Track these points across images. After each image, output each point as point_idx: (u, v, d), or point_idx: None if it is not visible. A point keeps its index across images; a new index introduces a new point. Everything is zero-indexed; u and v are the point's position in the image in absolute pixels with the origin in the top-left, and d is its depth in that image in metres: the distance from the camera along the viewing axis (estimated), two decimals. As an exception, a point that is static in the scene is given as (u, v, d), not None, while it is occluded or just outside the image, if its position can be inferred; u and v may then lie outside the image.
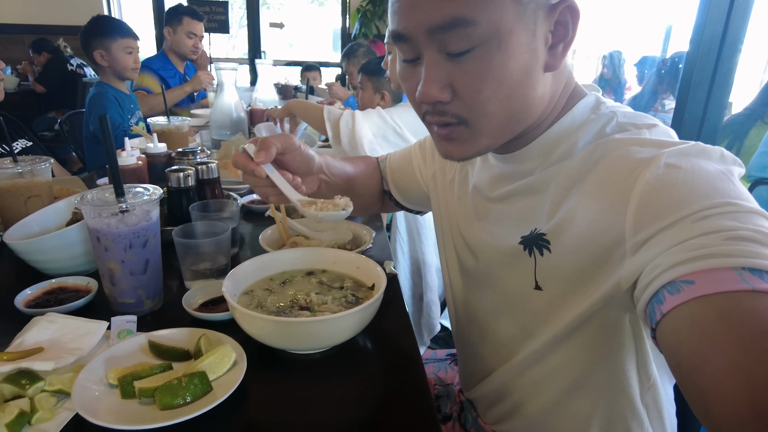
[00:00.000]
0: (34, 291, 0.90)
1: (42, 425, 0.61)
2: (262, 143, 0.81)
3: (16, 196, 1.06)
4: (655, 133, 0.65)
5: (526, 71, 0.62)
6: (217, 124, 2.06)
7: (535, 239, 0.70)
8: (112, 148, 0.83)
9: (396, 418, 0.66)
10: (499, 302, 0.80)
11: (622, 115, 0.68)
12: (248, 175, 0.83)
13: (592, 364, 0.71)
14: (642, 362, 0.70)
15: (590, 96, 0.71)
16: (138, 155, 1.29)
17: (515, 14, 0.59)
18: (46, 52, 4.96)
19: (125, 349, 0.73)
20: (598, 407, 0.73)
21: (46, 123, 4.40)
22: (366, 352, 0.81)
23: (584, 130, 0.68)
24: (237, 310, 0.73)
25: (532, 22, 0.60)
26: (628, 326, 0.67)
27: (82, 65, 4.87)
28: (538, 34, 0.61)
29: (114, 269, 0.83)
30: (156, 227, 0.87)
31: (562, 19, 0.62)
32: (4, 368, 0.65)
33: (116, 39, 2.33)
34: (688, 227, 0.52)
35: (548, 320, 0.71)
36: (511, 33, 0.59)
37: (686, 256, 0.50)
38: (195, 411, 0.60)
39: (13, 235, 0.98)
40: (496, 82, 0.61)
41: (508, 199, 0.77)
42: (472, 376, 0.91)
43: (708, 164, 0.58)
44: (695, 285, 0.49)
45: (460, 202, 0.89)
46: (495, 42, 0.59)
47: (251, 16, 5.78)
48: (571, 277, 0.66)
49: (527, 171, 0.73)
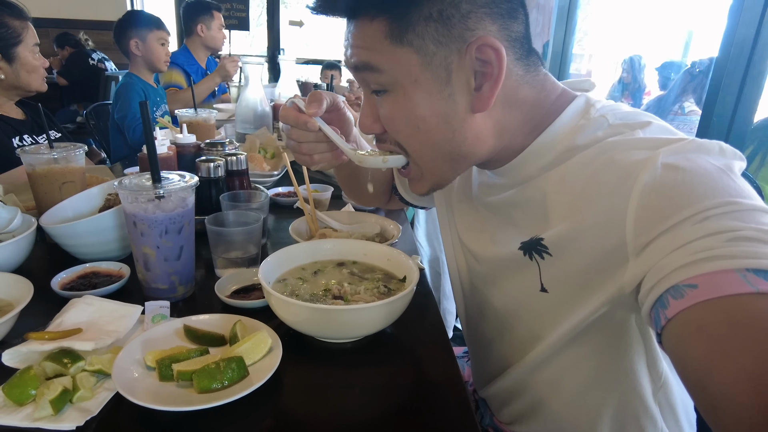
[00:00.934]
0: (69, 274, 0.91)
1: (83, 404, 0.61)
2: (314, 95, 0.80)
3: (52, 182, 1.07)
4: (649, 132, 0.63)
5: (442, 117, 0.64)
6: (242, 118, 2.07)
7: (534, 245, 0.69)
8: (150, 134, 0.84)
9: (430, 409, 0.66)
10: (505, 304, 0.79)
11: (613, 117, 0.66)
12: (299, 128, 0.80)
13: (601, 364, 0.70)
14: (652, 361, 0.69)
15: (579, 99, 0.69)
16: (168, 145, 1.30)
17: (419, 65, 0.62)
18: (69, 47, 5.03)
19: (161, 332, 0.73)
20: (610, 407, 0.73)
21: (68, 115, 4.47)
22: (398, 344, 0.80)
23: (575, 136, 0.67)
24: (273, 296, 0.73)
25: (442, 70, 0.62)
26: (634, 327, 0.66)
27: (104, 59, 4.93)
28: (454, 80, 0.63)
29: (149, 254, 0.84)
30: (191, 214, 0.88)
31: (485, 58, 0.61)
32: (46, 347, 0.66)
33: (152, 30, 2.41)
34: (689, 229, 0.51)
35: (555, 322, 0.70)
36: (416, 83, 0.63)
37: (688, 259, 0.49)
38: (232, 395, 0.60)
39: (48, 220, 0.99)
40: (411, 126, 0.66)
41: (505, 207, 0.76)
42: (484, 375, 0.91)
43: (706, 161, 0.56)
44: (699, 289, 0.48)
45: (461, 206, 0.88)
46: (401, 90, 0.64)
47: (271, 13, 5.81)
48: (576, 281, 0.65)
49: (521, 180, 0.72)
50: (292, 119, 0.80)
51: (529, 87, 0.67)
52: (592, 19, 5.78)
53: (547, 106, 0.69)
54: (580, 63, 6.11)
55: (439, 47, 0.61)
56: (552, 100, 0.70)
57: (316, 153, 0.83)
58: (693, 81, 3.81)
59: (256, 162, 1.65)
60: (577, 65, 6.06)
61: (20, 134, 1.51)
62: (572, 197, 0.65)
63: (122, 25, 2.44)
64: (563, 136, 0.67)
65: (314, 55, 6.16)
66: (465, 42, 0.61)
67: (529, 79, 0.67)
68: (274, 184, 1.59)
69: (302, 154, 0.84)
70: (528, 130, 0.69)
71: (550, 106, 0.69)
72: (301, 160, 0.85)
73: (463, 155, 0.68)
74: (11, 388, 0.61)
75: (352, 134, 0.92)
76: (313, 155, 0.84)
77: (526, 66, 0.66)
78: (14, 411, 0.60)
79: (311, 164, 0.86)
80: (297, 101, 0.81)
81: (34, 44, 1.47)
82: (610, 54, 5.90)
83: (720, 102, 1.97)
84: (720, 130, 2.00)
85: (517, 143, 0.70)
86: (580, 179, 0.64)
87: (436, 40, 0.61)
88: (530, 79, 0.67)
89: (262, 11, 6.08)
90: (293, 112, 0.80)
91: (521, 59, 0.65)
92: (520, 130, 0.69)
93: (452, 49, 0.61)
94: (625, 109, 0.69)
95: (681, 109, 4.01)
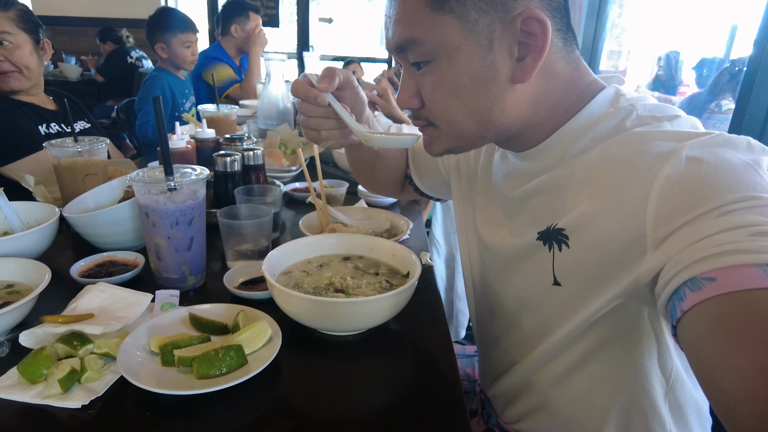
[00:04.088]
0: (88, 262, 0.95)
1: (90, 384, 0.65)
2: (327, 71, 0.80)
3: (75, 174, 1.12)
4: (677, 125, 0.62)
5: (483, 84, 0.64)
6: (264, 114, 2.10)
7: (554, 234, 0.68)
8: (163, 129, 0.87)
9: (425, 404, 0.66)
10: (517, 298, 0.79)
11: (642, 108, 0.66)
12: (308, 103, 0.81)
13: (609, 359, 0.69)
14: (662, 358, 0.68)
15: (609, 89, 0.69)
16: (187, 140, 1.34)
17: (461, 33, 0.62)
18: (111, 42, 5.17)
19: (167, 320, 0.76)
20: (617, 406, 0.71)
21: (104, 111, 4.63)
22: (399, 339, 0.81)
23: (602, 125, 0.66)
24: (275, 288, 0.75)
25: (484, 38, 0.62)
26: (646, 320, 0.65)
27: (142, 57, 5.06)
28: (496, 49, 0.62)
29: (160, 245, 0.87)
30: (201, 207, 0.90)
31: (530, 30, 0.60)
32: (59, 329, 0.69)
33: (176, 34, 2.50)
34: (710, 222, 0.50)
35: (566, 315, 0.70)
36: (459, 50, 0.62)
37: (708, 252, 0.49)
38: (229, 381, 0.62)
39: (71, 210, 1.04)
40: (451, 94, 0.66)
41: (527, 195, 0.75)
42: (492, 371, 0.90)
43: (733, 155, 0.55)
44: (717, 282, 0.47)
45: (480, 197, 0.88)
46: (444, 58, 0.64)
47: (301, 10, 5.87)
48: (590, 273, 0.64)
49: (546, 167, 0.72)
50: (303, 93, 0.80)
51: (565, 62, 0.67)
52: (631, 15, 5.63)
53: (580, 88, 0.69)
54: (617, 60, 5.95)
55: (481, 15, 0.60)
56: (585, 83, 0.69)
57: (324, 129, 0.84)
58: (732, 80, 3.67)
59: (275, 157, 1.68)
60: (614, 62, 5.90)
61: (47, 122, 1.57)
62: (594, 185, 0.64)
63: (150, 26, 2.55)
64: (591, 124, 0.67)
65: (345, 52, 6.17)
66: (508, 12, 0.60)
67: (565, 53, 0.66)
68: (292, 179, 1.62)
69: (310, 129, 0.84)
70: (562, 110, 0.69)
71: (583, 89, 0.69)
72: (309, 135, 0.86)
73: (496, 124, 0.67)
74: (25, 367, 0.65)
75: (365, 114, 0.92)
76: (320, 131, 0.84)
77: (564, 39, 0.66)
78: (27, 388, 0.63)
79: (319, 140, 0.86)
80: (310, 75, 0.81)
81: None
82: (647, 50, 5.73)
83: (754, 100, 1.90)
84: (753, 128, 1.93)
85: (548, 124, 0.70)
86: (604, 168, 0.63)
87: (478, 8, 0.60)
88: (567, 54, 0.67)
89: (294, 8, 6.15)
90: (304, 85, 0.81)
91: (561, 30, 0.65)
92: (555, 108, 0.68)
93: (495, 17, 0.60)
94: (655, 101, 0.69)
95: (718, 107, 3.87)
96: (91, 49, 5.71)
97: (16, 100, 1.54)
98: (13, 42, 1.48)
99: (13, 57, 1.48)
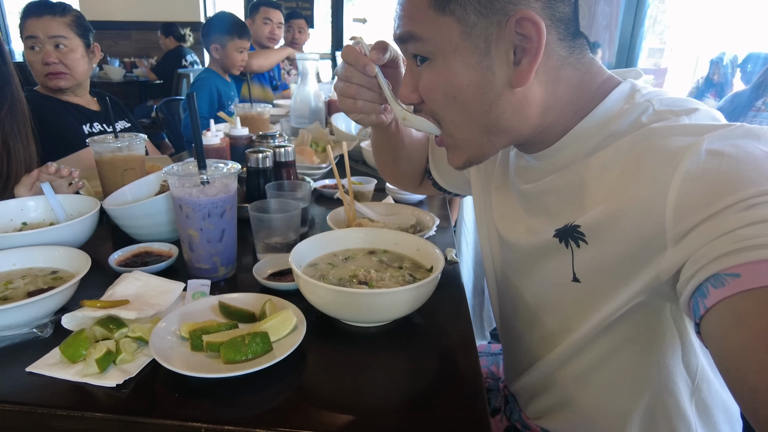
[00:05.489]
0: (125, 253, 1.00)
1: (124, 365, 0.68)
2: (380, 43, 0.81)
3: (115, 168, 1.18)
4: (695, 118, 0.61)
5: (479, 87, 0.64)
6: (297, 113, 2.15)
7: (570, 232, 0.67)
8: (197, 124, 0.90)
9: (445, 396, 0.67)
10: (537, 295, 0.78)
11: (659, 103, 0.64)
12: (356, 69, 0.80)
13: (632, 358, 0.68)
14: (687, 357, 0.66)
15: (624, 84, 0.67)
16: (222, 136, 1.38)
17: (459, 35, 0.62)
18: (173, 38, 5.27)
19: (198, 307, 0.79)
20: (640, 406, 0.70)
21: (145, 111, 4.79)
22: (421, 333, 0.82)
23: (618, 122, 0.65)
24: (301, 278, 0.77)
25: (482, 41, 0.62)
26: (669, 317, 0.64)
27: (194, 62, 5.14)
28: (493, 52, 0.62)
29: (193, 236, 0.90)
30: (233, 200, 0.93)
31: (525, 32, 0.60)
32: (97, 314, 0.73)
33: (233, 38, 2.59)
34: (733, 217, 0.49)
35: (587, 313, 0.69)
36: (456, 52, 0.63)
37: (732, 248, 0.47)
38: (254, 367, 0.65)
39: (110, 203, 1.09)
40: (448, 95, 0.67)
41: (542, 192, 0.75)
42: (516, 368, 0.90)
43: (755, 147, 0.53)
44: (741, 278, 0.46)
45: (497, 192, 0.88)
46: (441, 58, 0.65)
47: (335, 10, 5.93)
48: (610, 269, 0.64)
49: (561, 165, 0.71)
50: (353, 58, 0.80)
51: (572, 69, 0.66)
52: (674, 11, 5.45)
53: (593, 89, 0.68)
54: (659, 58, 5.75)
55: (480, 18, 0.61)
56: (598, 84, 0.68)
57: (362, 99, 0.83)
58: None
59: (306, 155, 1.71)
60: (655, 59, 5.71)
61: (91, 122, 1.65)
62: (611, 183, 0.63)
63: (208, 26, 2.64)
64: (606, 121, 0.66)
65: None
66: (505, 15, 0.61)
67: (572, 60, 0.66)
68: (322, 176, 1.64)
69: (348, 96, 0.83)
70: (573, 111, 0.68)
71: (596, 89, 0.68)
72: (343, 103, 0.85)
73: (501, 129, 0.68)
74: (66, 347, 0.69)
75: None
76: (357, 100, 0.83)
77: (570, 48, 0.65)
78: (67, 367, 0.67)
79: (353, 109, 0.85)
80: (363, 43, 0.81)
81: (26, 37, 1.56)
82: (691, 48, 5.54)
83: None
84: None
85: (561, 125, 0.69)
86: (620, 165, 0.63)
87: (478, 11, 0.61)
88: (574, 61, 0.66)
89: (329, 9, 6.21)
90: (356, 51, 0.80)
91: (565, 40, 0.64)
92: (565, 110, 0.68)
93: (493, 21, 0.61)
94: (672, 95, 0.67)
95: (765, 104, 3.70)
96: (134, 51, 5.92)
97: (64, 101, 1.63)
98: (68, 46, 1.56)
99: (67, 60, 1.57)
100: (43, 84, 1.61)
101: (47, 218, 1.09)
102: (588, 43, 0.68)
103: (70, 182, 1.15)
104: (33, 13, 1.54)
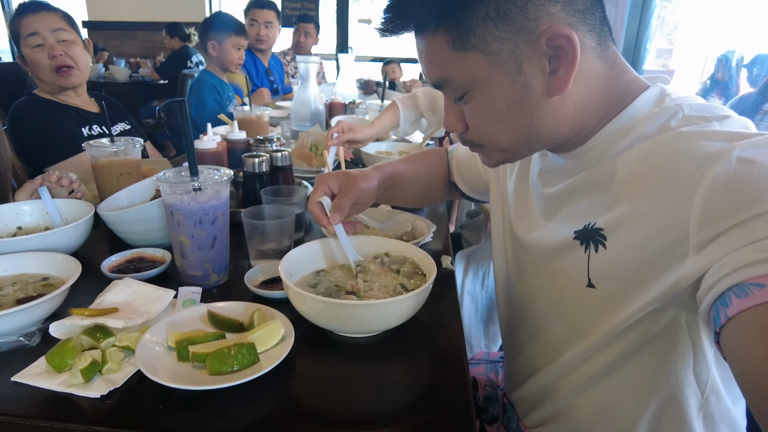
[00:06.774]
0: (118, 258, 0.99)
1: (110, 375, 0.68)
2: (336, 206, 0.88)
3: (111, 172, 1.18)
4: (726, 125, 0.60)
5: (518, 104, 0.65)
6: (297, 115, 2.14)
7: (592, 234, 0.66)
8: (189, 131, 0.90)
9: (434, 409, 0.66)
10: (549, 301, 0.78)
11: (689, 108, 0.63)
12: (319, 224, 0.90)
13: (640, 366, 0.67)
14: (698, 368, 0.65)
15: (654, 88, 0.67)
16: (218, 140, 1.38)
17: (487, 65, 0.63)
18: (179, 38, 5.29)
19: (186, 316, 0.79)
20: (646, 416, 0.69)
21: (149, 112, 4.80)
22: (412, 343, 0.81)
23: (646, 124, 0.64)
24: (290, 289, 0.76)
25: (512, 63, 0.63)
26: (683, 326, 0.62)
27: (200, 63, 5.09)
28: (525, 70, 0.63)
29: (184, 243, 0.90)
30: (225, 207, 0.93)
31: (557, 44, 0.60)
32: (84, 322, 0.73)
33: (230, 35, 2.59)
34: (761, 226, 0.48)
35: (600, 319, 0.68)
36: (489, 81, 0.64)
37: (757, 257, 0.47)
38: (240, 378, 0.64)
39: (105, 207, 1.09)
40: (490, 119, 0.68)
41: (565, 193, 0.74)
42: (517, 376, 0.89)
43: None
44: (766, 288, 0.45)
45: (516, 195, 0.87)
46: (477, 90, 0.66)
47: (341, 11, 5.92)
48: (627, 275, 0.62)
49: (586, 165, 0.70)
50: (315, 217, 0.90)
51: (600, 62, 0.66)
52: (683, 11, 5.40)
53: (621, 87, 0.68)
54: (668, 59, 5.71)
55: (504, 43, 0.61)
56: (626, 82, 0.68)
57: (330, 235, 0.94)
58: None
59: (305, 158, 1.71)
60: (663, 60, 5.66)
61: (90, 125, 1.65)
62: (636, 186, 0.62)
63: (205, 24, 2.65)
64: (635, 123, 0.66)
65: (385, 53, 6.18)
66: (530, 33, 0.60)
67: (600, 51, 0.65)
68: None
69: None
70: (603, 112, 0.68)
71: (625, 88, 0.68)
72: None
73: (540, 137, 0.68)
74: (52, 356, 0.68)
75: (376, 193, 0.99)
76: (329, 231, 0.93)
77: (599, 35, 0.65)
78: (53, 377, 0.67)
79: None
80: (324, 201, 0.89)
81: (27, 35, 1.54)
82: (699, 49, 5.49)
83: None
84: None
85: (591, 126, 0.69)
86: (647, 168, 0.62)
87: (498, 37, 0.61)
88: (601, 51, 0.66)
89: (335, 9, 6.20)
90: (318, 211, 0.89)
91: (594, 29, 0.64)
92: (597, 110, 0.68)
93: (518, 41, 0.61)
94: (702, 101, 0.67)
95: (773, 108, 3.66)
96: (140, 52, 5.95)
97: (63, 104, 1.63)
98: (69, 39, 1.57)
99: (72, 52, 1.57)
100: (54, 82, 1.58)
101: (42, 222, 1.09)
102: (609, 29, 0.67)
103: (71, 191, 1.16)
104: (29, 10, 1.54)
